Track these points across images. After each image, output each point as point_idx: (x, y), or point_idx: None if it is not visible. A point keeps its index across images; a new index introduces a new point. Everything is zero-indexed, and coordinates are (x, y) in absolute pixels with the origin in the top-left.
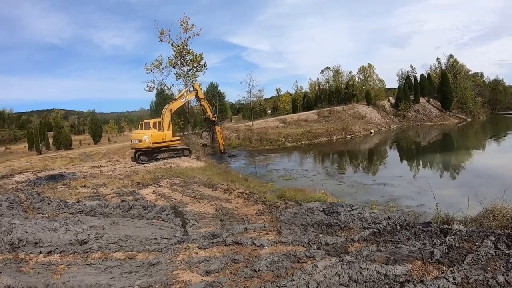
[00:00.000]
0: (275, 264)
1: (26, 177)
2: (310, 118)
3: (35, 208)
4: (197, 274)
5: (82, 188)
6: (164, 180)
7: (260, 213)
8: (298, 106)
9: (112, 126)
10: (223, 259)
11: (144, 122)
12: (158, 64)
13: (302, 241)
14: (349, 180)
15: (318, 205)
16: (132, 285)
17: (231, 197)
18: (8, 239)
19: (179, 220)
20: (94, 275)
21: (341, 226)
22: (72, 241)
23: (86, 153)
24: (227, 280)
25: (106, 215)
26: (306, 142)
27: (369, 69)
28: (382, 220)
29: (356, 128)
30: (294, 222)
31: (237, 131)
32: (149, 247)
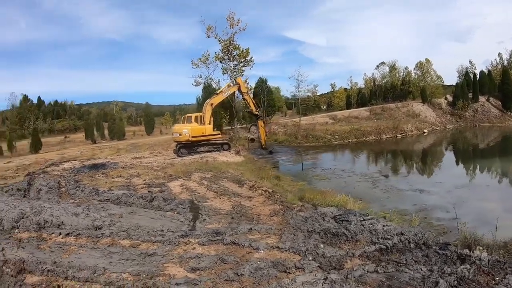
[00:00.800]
0: (260, 271)
1: (72, 165)
2: (362, 115)
3: (69, 194)
4: (184, 269)
5: (117, 178)
6: (196, 173)
7: (274, 214)
8: (352, 102)
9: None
10: (214, 258)
11: (186, 116)
12: (204, 59)
13: (299, 249)
14: (385, 183)
15: (333, 210)
16: (124, 271)
17: (254, 194)
18: (36, 220)
19: (192, 214)
20: (96, 258)
21: (347, 237)
22: (89, 226)
23: (133, 144)
24: (208, 280)
25: (128, 204)
26: (353, 140)
27: (427, 64)
28: (394, 235)
29: (408, 127)
30: (301, 227)
31: (285, 126)
32: (153, 238)
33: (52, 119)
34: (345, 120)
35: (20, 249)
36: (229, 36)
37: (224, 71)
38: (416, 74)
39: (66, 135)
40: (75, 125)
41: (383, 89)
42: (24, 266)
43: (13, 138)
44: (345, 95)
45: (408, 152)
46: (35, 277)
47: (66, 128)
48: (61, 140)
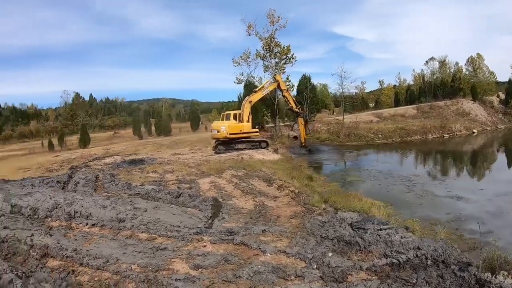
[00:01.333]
0: (259, 275)
1: (114, 160)
2: (408, 113)
3: (104, 187)
4: (188, 266)
5: (152, 173)
6: (229, 171)
7: (294, 216)
8: (400, 99)
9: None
10: (219, 257)
11: (225, 113)
12: (245, 57)
13: (305, 256)
14: (421, 188)
15: (354, 216)
16: (134, 263)
17: (280, 194)
18: (67, 210)
19: (212, 212)
20: (112, 249)
21: (360, 246)
22: (113, 218)
23: (176, 141)
24: (207, 278)
25: (156, 199)
26: (397, 140)
27: (478, 59)
28: (410, 249)
29: (456, 127)
30: (315, 232)
31: (328, 124)
32: (169, 233)
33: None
34: (390, 118)
35: (47, 236)
36: (270, 34)
37: (265, 68)
38: (467, 70)
39: (116, 131)
40: (125, 121)
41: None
42: (47, 251)
43: (64, 133)
44: (393, 92)
45: (453, 154)
46: (56, 262)
47: (116, 124)
48: (110, 136)
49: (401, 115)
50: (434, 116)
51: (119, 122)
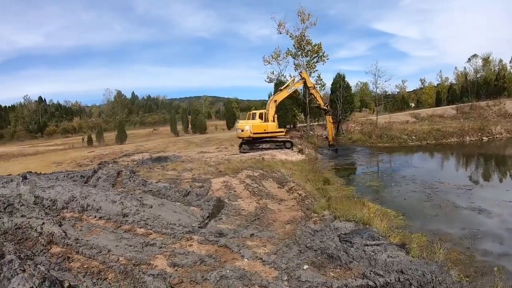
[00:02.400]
0: (225, 280)
1: (141, 157)
2: (447, 114)
3: (122, 183)
4: (167, 263)
5: (171, 171)
6: (245, 171)
7: (291, 221)
8: (442, 99)
9: None
10: (197, 257)
11: (252, 113)
12: (276, 56)
13: (280, 266)
14: (442, 196)
15: (348, 226)
16: (122, 255)
17: (288, 197)
18: (81, 203)
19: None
20: (109, 241)
21: (341, 262)
22: (119, 213)
23: (207, 139)
24: (177, 277)
25: (164, 196)
26: (432, 142)
27: None
28: (392, 271)
29: (497, 129)
30: (301, 241)
31: (362, 124)
32: (164, 230)
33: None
34: (428, 118)
35: (56, 226)
36: (301, 31)
37: (296, 67)
38: None
39: (155, 128)
40: (164, 118)
41: (476, 85)
42: (52, 238)
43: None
44: (434, 92)
45: (488, 160)
46: (58, 248)
47: (156, 121)
48: (149, 132)
49: (439, 116)
50: (474, 117)
51: (159, 119)
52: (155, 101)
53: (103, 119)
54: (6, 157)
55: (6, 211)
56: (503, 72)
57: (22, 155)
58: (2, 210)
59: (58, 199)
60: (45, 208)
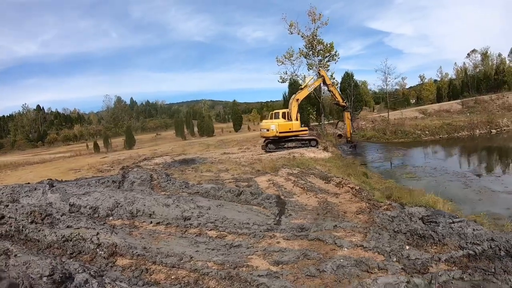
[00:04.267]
0: (342, 268)
1: (163, 160)
2: (453, 109)
3: (161, 187)
4: (267, 262)
5: (206, 172)
6: (283, 169)
7: (360, 211)
8: (443, 94)
9: (254, 115)
10: (297, 253)
11: (274, 112)
12: (289, 56)
13: (383, 250)
14: (477, 184)
15: (421, 210)
16: (209, 260)
17: (341, 191)
18: (129, 209)
19: (278, 209)
20: (184, 246)
21: (434, 239)
22: (178, 216)
23: (222, 141)
24: (290, 274)
25: (217, 197)
26: (444, 136)
27: None
28: (484, 240)
29: (504, 122)
30: (387, 226)
31: (373, 122)
32: (239, 230)
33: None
34: (435, 114)
35: (114, 234)
36: (312, 31)
37: (309, 66)
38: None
39: (158, 133)
40: (166, 123)
41: (476, 79)
42: (116, 249)
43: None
44: (435, 88)
45: (505, 150)
46: (125, 260)
47: (157, 126)
48: (153, 137)
49: (446, 111)
50: (479, 111)
51: (160, 124)
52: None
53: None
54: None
55: (45, 222)
56: (502, 66)
57: (29, 164)
58: (40, 221)
59: (99, 206)
60: (86, 217)
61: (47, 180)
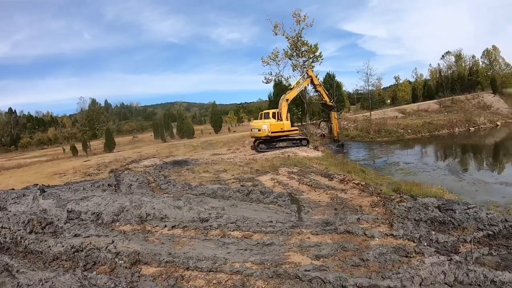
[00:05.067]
0: (383, 256)
1: (153, 162)
2: (431, 108)
3: (161, 189)
4: (307, 257)
5: (205, 173)
6: (282, 168)
7: (374, 205)
8: (418, 95)
9: (231, 116)
10: (334, 246)
11: (264, 112)
12: (274, 57)
13: (413, 236)
14: (470, 177)
15: (434, 201)
16: (246, 261)
17: (347, 187)
18: (137, 213)
19: (294, 206)
20: (212, 249)
21: (454, 224)
22: (195, 219)
23: (207, 142)
24: (335, 265)
25: (226, 198)
26: (426, 134)
27: (494, 52)
28: (498, 222)
29: (481, 120)
30: (407, 216)
31: (355, 121)
32: (264, 229)
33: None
34: (414, 113)
35: (134, 242)
36: (297, 33)
37: (294, 67)
38: (484, 63)
39: (135, 135)
40: (142, 125)
41: (450, 80)
42: (139, 257)
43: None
44: (410, 88)
45: (487, 146)
46: (152, 268)
47: (133, 129)
48: (130, 140)
49: (425, 110)
50: (456, 110)
51: (136, 127)
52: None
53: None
54: None
55: (47, 232)
56: (475, 67)
57: (4, 169)
58: (40, 230)
59: (103, 211)
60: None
61: (35, 185)
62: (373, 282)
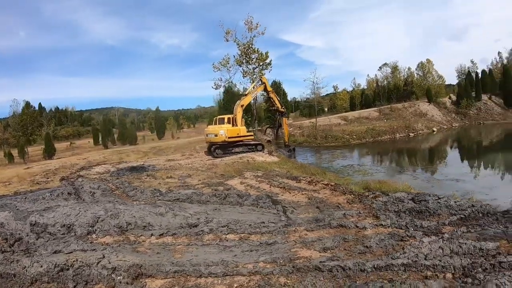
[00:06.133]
0: (383, 241)
1: (105, 169)
2: (372, 116)
3: (129, 196)
4: (315, 251)
5: (169, 179)
6: (247, 172)
7: (351, 201)
8: (356, 103)
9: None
10: (335, 238)
11: (218, 118)
12: (225, 63)
13: (400, 224)
14: (423, 176)
15: (405, 195)
16: (257, 261)
17: (317, 188)
18: (115, 223)
19: (279, 207)
20: (216, 254)
21: (430, 212)
22: (183, 225)
23: (155, 148)
24: (344, 255)
25: (203, 202)
26: (370, 140)
27: (428, 65)
28: (467, 207)
29: (419, 126)
30: (388, 208)
31: (300, 128)
32: (259, 230)
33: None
34: (356, 121)
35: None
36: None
37: (244, 74)
38: (418, 75)
39: (72, 141)
40: (78, 131)
41: (386, 89)
42: (141, 270)
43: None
44: (348, 97)
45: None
46: (159, 281)
47: (69, 135)
48: (68, 146)
49: (366, 118)
50: (395, 118)
51: (73, 133)
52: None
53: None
54: None
55: (17, 250)
56: (411, 78)
57: None
58: (8, 248)
59: (74, 223)
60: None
61: None
62: (389, 262)
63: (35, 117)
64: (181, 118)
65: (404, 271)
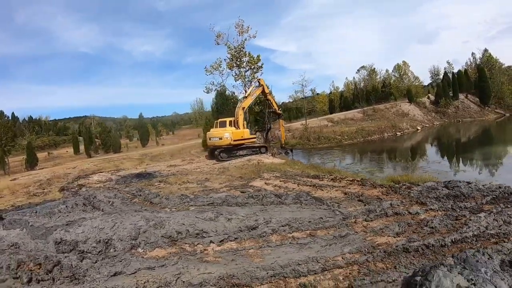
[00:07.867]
0: (443, 222)
1: (105, 177)
2: (356, 117)
3: (153, 203)
4: (388, 237)
5: (188, 184)
6: (264, 174)
7: (387, 193)
8: (335, 106)
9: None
10: (400, 224)
11: (220, 121)
12: (217, 66)
13: (446, 207)
14: (429, 168)
15: (434, 184)
16: (342, 253)
17: (344, 184)
18: (163, 233)
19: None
20: (296, 252)
21: (465, 196)
22: (241, 228)
23: (147, 155)
24: (416, 236)
25: (242, 205)
26: (361, 140)
27: (404, 66)
28: (496, 189)
29: (404, 125)
30: (428, 196)
31: (289, 130)
32: (322, 225)
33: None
34: (342, 122)
35: (208, 265)
36: (239, 43)
37: (236, 77)
38: (395, 76)
39: (49, 152)
40: (55, 141)
41: (365, 92)
42: (233, 281)
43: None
44: (327, 99)
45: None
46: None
47: (46, 145)
48: (46, 157)
49: (351, 119)
50: (378, 118)
51: (49, 142)
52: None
53: None
54: None
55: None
56: (388, 80)
57: None
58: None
59: (112, 237)
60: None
61: None
62: (463, 236)
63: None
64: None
65: (476, 241)
